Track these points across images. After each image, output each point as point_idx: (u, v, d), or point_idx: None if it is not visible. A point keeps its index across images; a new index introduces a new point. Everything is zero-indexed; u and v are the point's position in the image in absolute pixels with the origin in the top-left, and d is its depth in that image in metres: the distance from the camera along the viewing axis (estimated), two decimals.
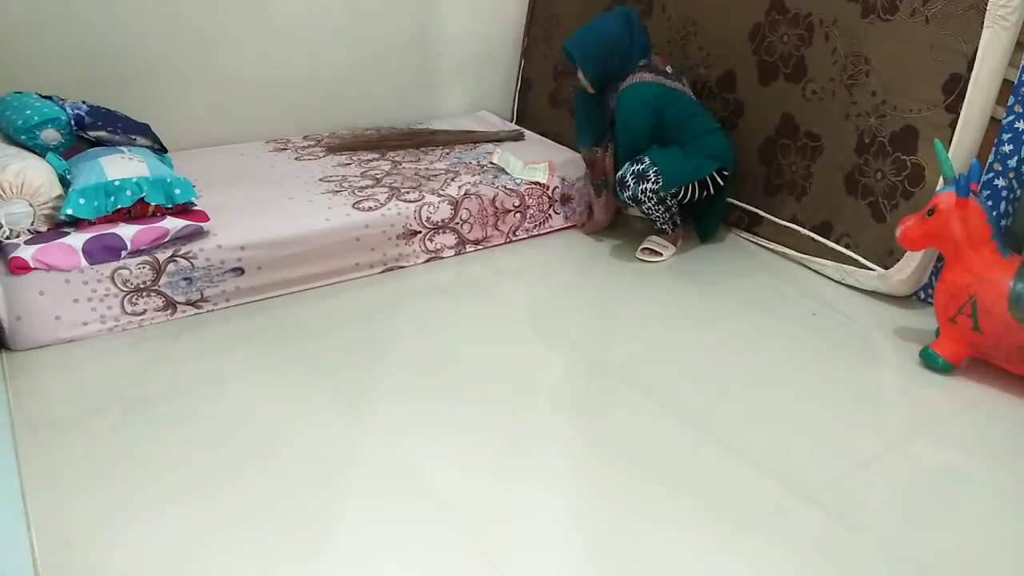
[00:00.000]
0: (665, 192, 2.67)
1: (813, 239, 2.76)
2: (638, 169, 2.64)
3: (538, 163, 3.00)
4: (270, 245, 2.37)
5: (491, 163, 3.00)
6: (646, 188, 2.63)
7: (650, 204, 2.68)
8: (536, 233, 2.95)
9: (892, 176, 2.52)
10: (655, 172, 2.63)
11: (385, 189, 2.73)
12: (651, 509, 1.65)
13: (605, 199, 2.91)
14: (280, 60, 3.21)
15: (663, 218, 2.76)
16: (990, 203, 2.32)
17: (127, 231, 2.18)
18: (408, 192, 2.71)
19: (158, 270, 2.21)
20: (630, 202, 2.70)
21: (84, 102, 2.49)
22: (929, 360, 2.18)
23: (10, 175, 2.10)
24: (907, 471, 1.82)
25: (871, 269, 2.56)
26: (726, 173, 2.79)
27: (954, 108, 2.35)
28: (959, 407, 2.04)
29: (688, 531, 1.59)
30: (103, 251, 2.14)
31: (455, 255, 2.77)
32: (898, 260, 2.49)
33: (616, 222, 3.04)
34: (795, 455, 1.83)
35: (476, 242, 2.81)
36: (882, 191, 2.55)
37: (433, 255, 2.72)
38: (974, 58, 2.28)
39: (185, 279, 2.26)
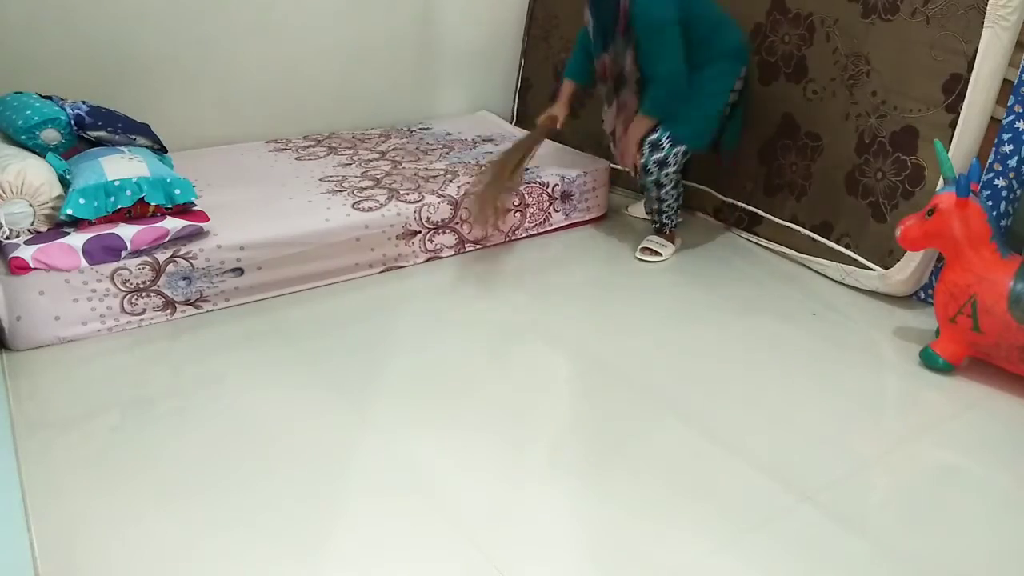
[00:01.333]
0: (695, 150, 2.72)
1: (813, 239, 2.76)
2: (659, 158, 2.65)
3: None
4: (270, 245, 2.37)
5: None
6: (668, 172, 2.67)
7: (669, 188, 2.71)
8: (536, 233, 2.95)
9: (892, 176, 2.52)
10: (675, 155, 2.64)
11: (384, 190, 2.73)
12: (651, 509, 1.65)
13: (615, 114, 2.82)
14: (280, 60, 3.22)
15: (672, 208, 2.77)
16: (990, 203, 2.32)
17: (127, 231, 2.17)
18: (408, 192, 2.71)
19: (158, 270, 2.21)
20: (652, 187, 2.71)
21: (84, 102, 2.49)
22: (929, 360, 2.18)
23: (10, 175, 2.10)
24: (907, 471, 1.82)
25: (871, 269, 2.56)
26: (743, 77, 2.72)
27: (954, 108, 2.35)
28: (959, 407, 2.04)
29: (688, 531, 1.59)
30: (103, 251, 2.14)
31: (455, 255, 2.77)
32: (898, 260, 2.49)
33: (613, 218, 3.04)
34: (795, 455, 1.83)
35: (476, 242, 2.81)
36: (882, 191, 2.55)
37: (433, 255, 2.72)
38: (974, 58, 2.29)
39: (184, 279, 2.26)
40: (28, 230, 2.16)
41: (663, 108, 2.62)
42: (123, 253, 2.17)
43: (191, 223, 2.27)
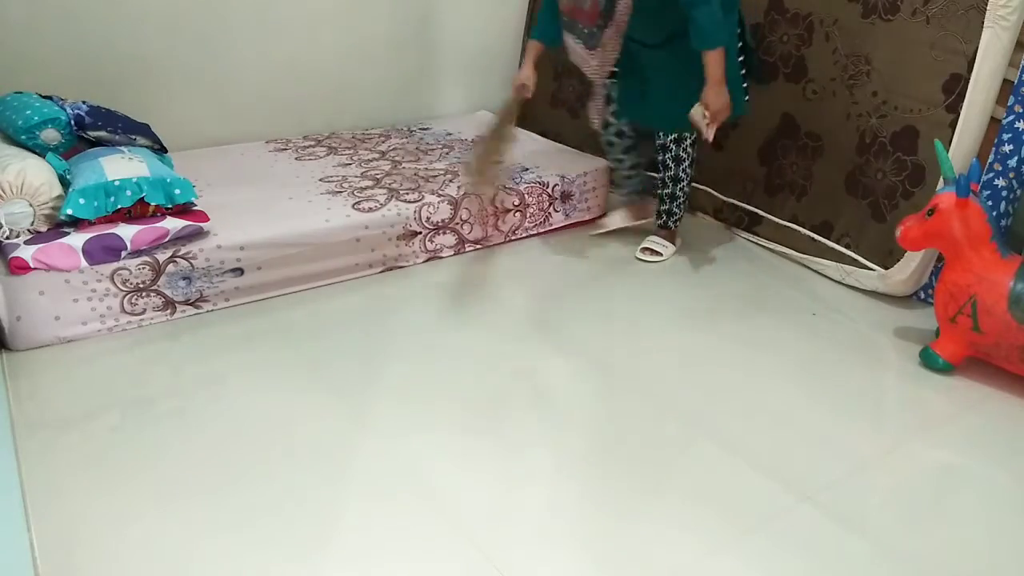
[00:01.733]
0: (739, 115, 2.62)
1: (813, 239, 2.76)
2: (678, 151, 2.67)
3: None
4: (270, 245, 2.36)
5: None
6: (686, 146, 2.66)
7: (686, 164, 2.70)
8: (536, 233, 2.95)
9: (892, 176, 2.52)
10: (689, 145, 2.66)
11: (384, 190, 2.73)
12: (651, 509, 1.65)
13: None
14: (280, 60, 3.21)
15: (684, 194, 2.77)
16: (990, 203, 2.32)
17: (127, 231, 2.17)
18: (408, 192, 2.71)
19: (158, 270, 2.21)
20: (671, 165, 2.70)
21: (84, 102, 2.49)
22: (929, 360, 2.18)
23: (10, 175, 2.10)
24: (906, 471, 1.82)
25: (871, 269, 2.57)
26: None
27: (954, 108, 2.35)
28: (959, 407, 2.04)
29: (688, 531, 1.59)
30: (103, 251, 2.14)
31: (455, 255, 2.77)
32: (898, 260, 2.49)
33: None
34: (795, 455, 1.83)
35: (476, 242, 2.81)
36: (882, 191, 2.55)
37: (433, 255, 2.72)
38: (974, 58, 2.29)
39: (184, 279, 2.25)
40: (28, 230, 2.15)
41: (717, 33, 2.37)
42: (123, 253, 2.17)
43: (191, 223, 2.26)
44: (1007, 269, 2.01)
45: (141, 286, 2.20)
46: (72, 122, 2.35)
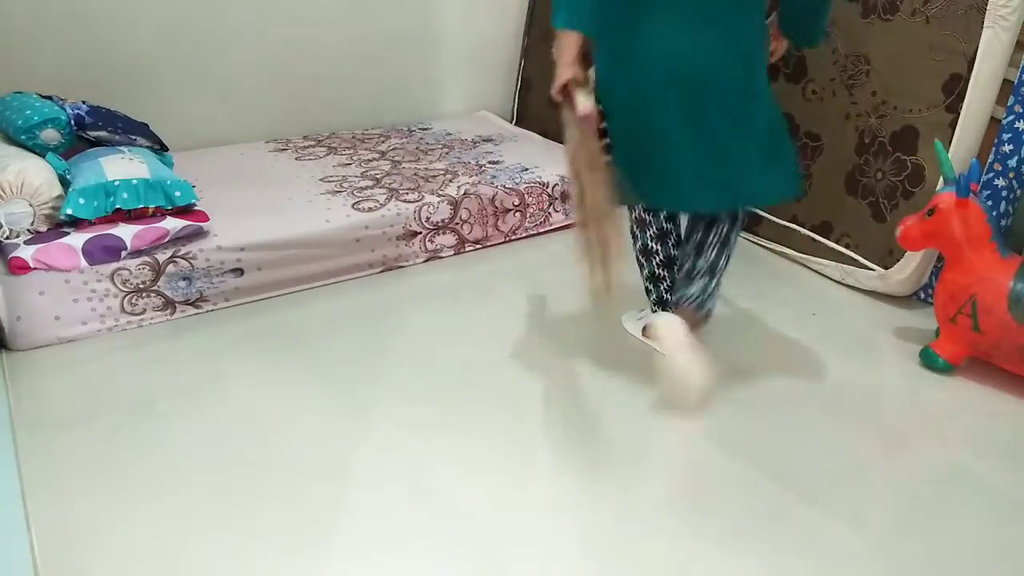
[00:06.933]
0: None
1: (813, 239, 2.76)
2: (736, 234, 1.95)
3: None
4: (270, 246, 2.36)
5: None
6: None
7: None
8: (536, 232, 2.95)
9: (892, 176, 2.52)
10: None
11: (384, 189, 2.73)
12: (652, 509, 1.65)
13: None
14: (280, 60, 3.22)
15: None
16: (990, 203, 2.32)
17: (127, 231, 2.17)
18: (407, 192, 2.71)
19: (158, 270, 2.21)
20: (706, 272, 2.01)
21: (84, 102, 2.49)
22: (929, 360, 2.18)
23: (10, 175, 2.10)
24: (906, 471, 1.82)
25: (871, 269, 2.57)
26: None
27: (954, 108, 2.35)
28: (959, 407, 2.04)
29: (688, 531, 1.59)
30: (103, 251, 2.14)
31: (455, 255, 2.77)
32: (898, 260, 2.49)
33: None
34: (795, 455, 1.83)
35: (476, 242, 2.81)
36: (882, 191, 2.55)
37: (433, 255, 2.72)
38: (974, 58, 2.29)
39: (184, 279, 2.25)
40: (28, 230, 2.16)
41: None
42: (123, 253, 2.17)
43: (191, 223, 2.27)
44: (1007, 269, 2.01)
45: (141, 286, 2.20)
46: (72, 122, 2.36)
